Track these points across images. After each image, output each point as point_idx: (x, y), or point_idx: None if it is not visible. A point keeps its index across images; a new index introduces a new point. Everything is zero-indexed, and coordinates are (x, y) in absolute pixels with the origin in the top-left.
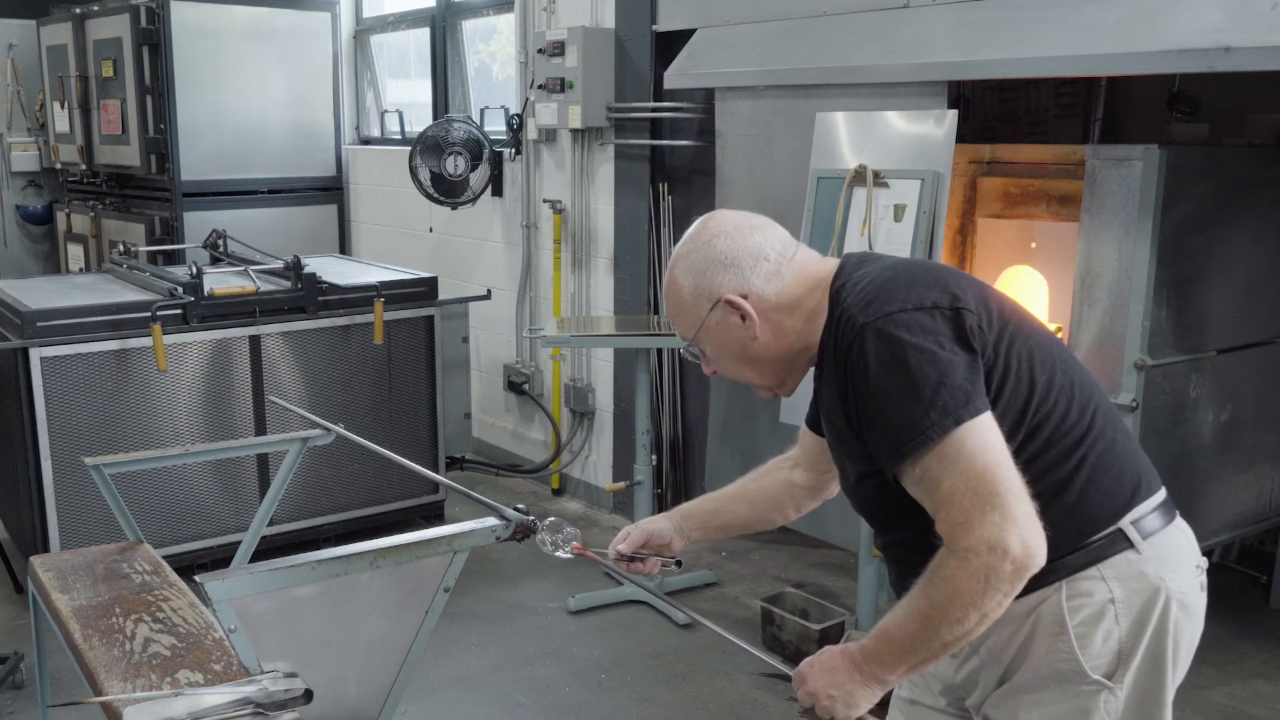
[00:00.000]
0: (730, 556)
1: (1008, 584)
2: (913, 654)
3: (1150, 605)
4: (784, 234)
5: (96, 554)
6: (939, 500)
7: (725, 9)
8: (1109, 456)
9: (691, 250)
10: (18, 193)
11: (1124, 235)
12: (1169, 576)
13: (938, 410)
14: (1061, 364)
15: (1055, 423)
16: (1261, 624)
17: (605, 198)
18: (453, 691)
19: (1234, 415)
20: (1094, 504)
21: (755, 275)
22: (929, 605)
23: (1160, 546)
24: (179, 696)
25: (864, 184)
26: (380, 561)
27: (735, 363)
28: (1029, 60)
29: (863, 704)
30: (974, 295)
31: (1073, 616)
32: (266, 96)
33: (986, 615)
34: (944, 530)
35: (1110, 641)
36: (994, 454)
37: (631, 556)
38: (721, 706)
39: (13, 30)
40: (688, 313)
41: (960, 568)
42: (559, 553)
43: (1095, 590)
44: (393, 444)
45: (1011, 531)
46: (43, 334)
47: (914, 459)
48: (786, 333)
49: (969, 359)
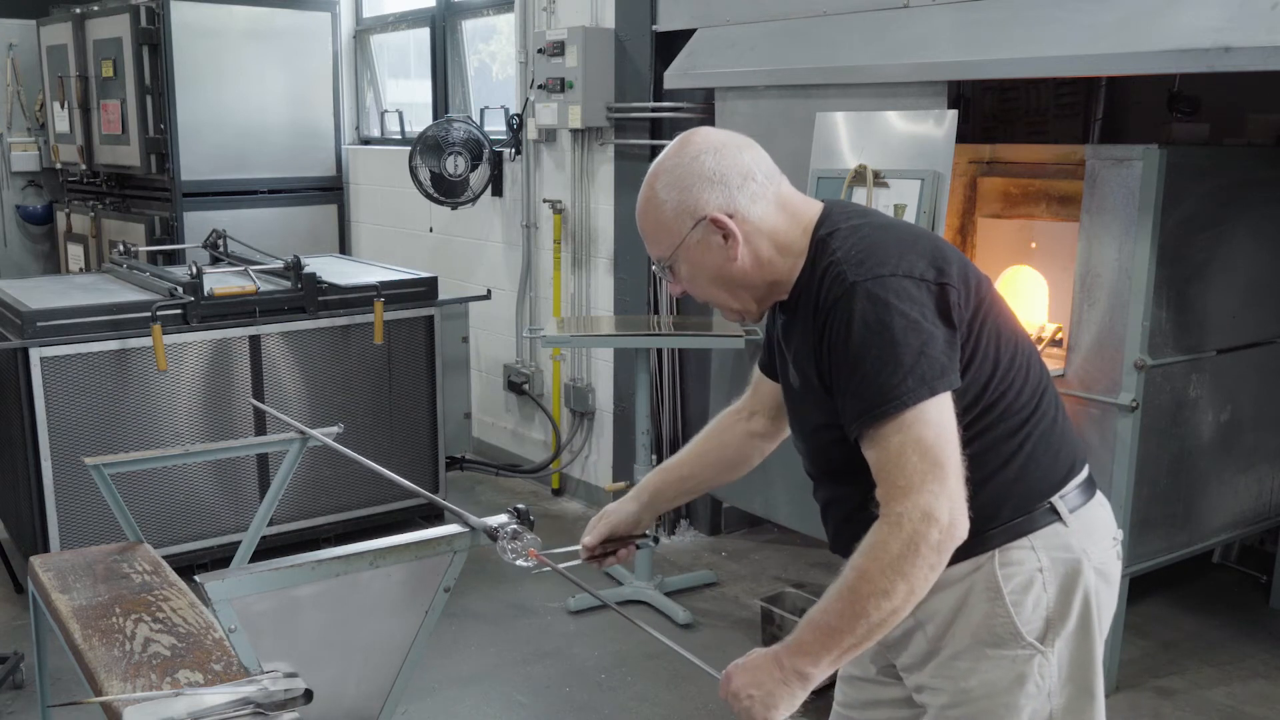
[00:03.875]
0: (730, 556)
1: (934, 554)
2: (838, 638)
3: (1074, 574)
4: (770, 159)
5: (96, 554)
6: (886, 461)
7: (725, 9)
8: (1050, 436)
9: (675, 165)
10: (18, 193)
11: (1124, 235)
12: (1090, 548)
13: (915, 378)
14: (1021, 343)
15: (1010, 400)
16: (1261, 624)
17: (605, 198)
18: (453, 691)
19: (1234, 415)
20: (1032, 479)
21: (742, 195)
22: (857, 577)
23: (1084, 520)
24: (179, 696)
25: (864, 184)
26: (380, 561)
27: (708, 284)
28: (1029, 60)
29: (782, 704)
30: (957, 270)
31: (1006, 583)
32: (266, 96)
33: (913, 590)
34: (883, 492)
35: (1040, 608)
36: (948, 430)
37: (601, 553)
38: (721, 706)
39: (13, 30)
40: (666, 230)
41: (891, 533)
42: (518, 561)
43: (1026, 559)
44: (392, 444)
45: (944, 503)
46: (43, 334)
47: (881, 422)
48: (763, 260)
49: (948, 334)
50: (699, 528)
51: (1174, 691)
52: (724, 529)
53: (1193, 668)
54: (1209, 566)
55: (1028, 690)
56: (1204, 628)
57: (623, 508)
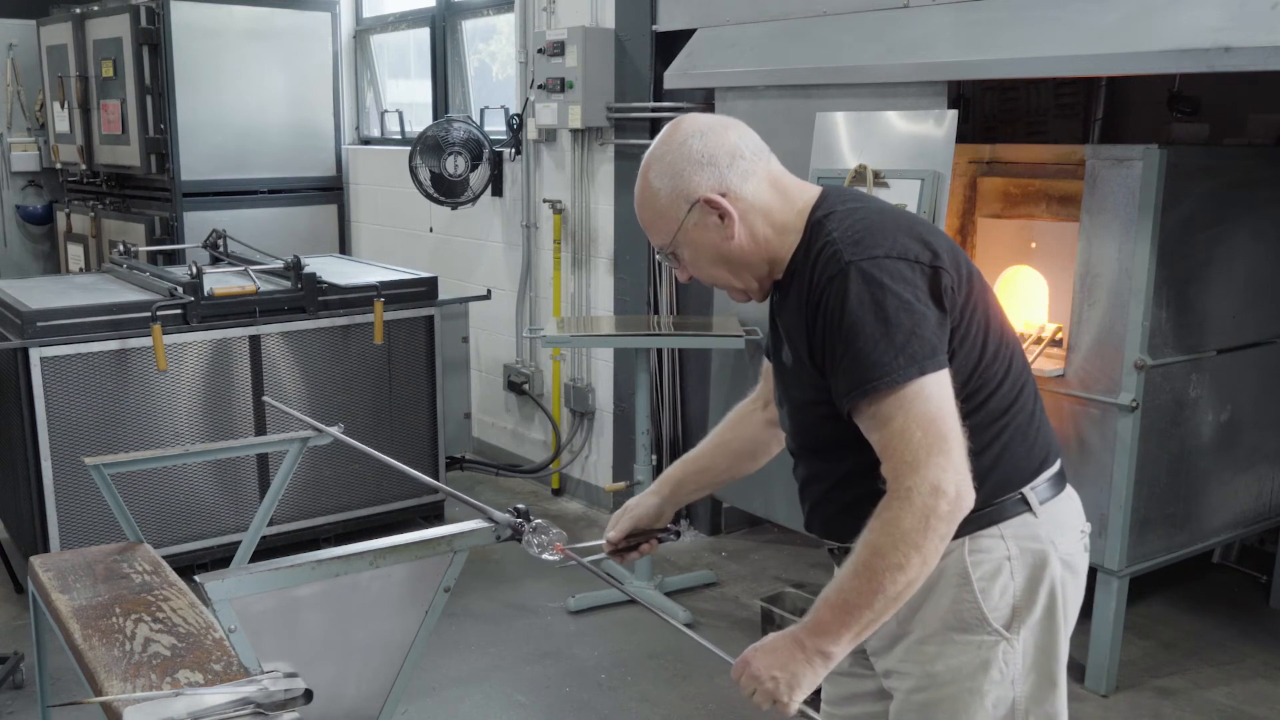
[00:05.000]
0: (730, 556)
1: (944, 524)
2: (858, 614)
3: (1041, 564)
4: (757, 137)
5: (96, 554)
6: (889, 437)
7: (725, 9)
8: (1027, 428)
9: (665, 153)
10: (18, 193)
11: (1124, 235)
12: (1058, 539)
13: (906, 356)
14: (1005, 335)
15: (992, 389)
16: (1261, 624)
17: (605, 198)
18: (453, 691)
19: (1234, 415)
20: (1007, 469)
21: (732, 173)
22: (871, 553)
23: (1053, 512)
24: (179, 696)
25: (864, 184)
26: (380, 561)
27: (711, 265)
28: (1029, 60)
29: (806, 684)
30: (949, 256)
31: (974, 570)
32: (266, 96)
33: (926, 560)
34: (890, 468)
35: (1006, 596)
36: (947, 405)
37: (625, 547)
38: (721, 706)
39: (13, 30)
40: (664, 217)
41: (903, 507)
42: (544, 555)
43: (994, 548)
44: (392, 444)
45: (950, 474)
46: (43, 334)
47: (873, 398)
48: (759, 238)
49: (940, 316)
50: (699, 528)
51: (1174, 691)
52: (724, 529)
53: (1193, 668)
54: (1209, 566)
55: (992, 676)
56: (1204, 628)
57: (644, 501)
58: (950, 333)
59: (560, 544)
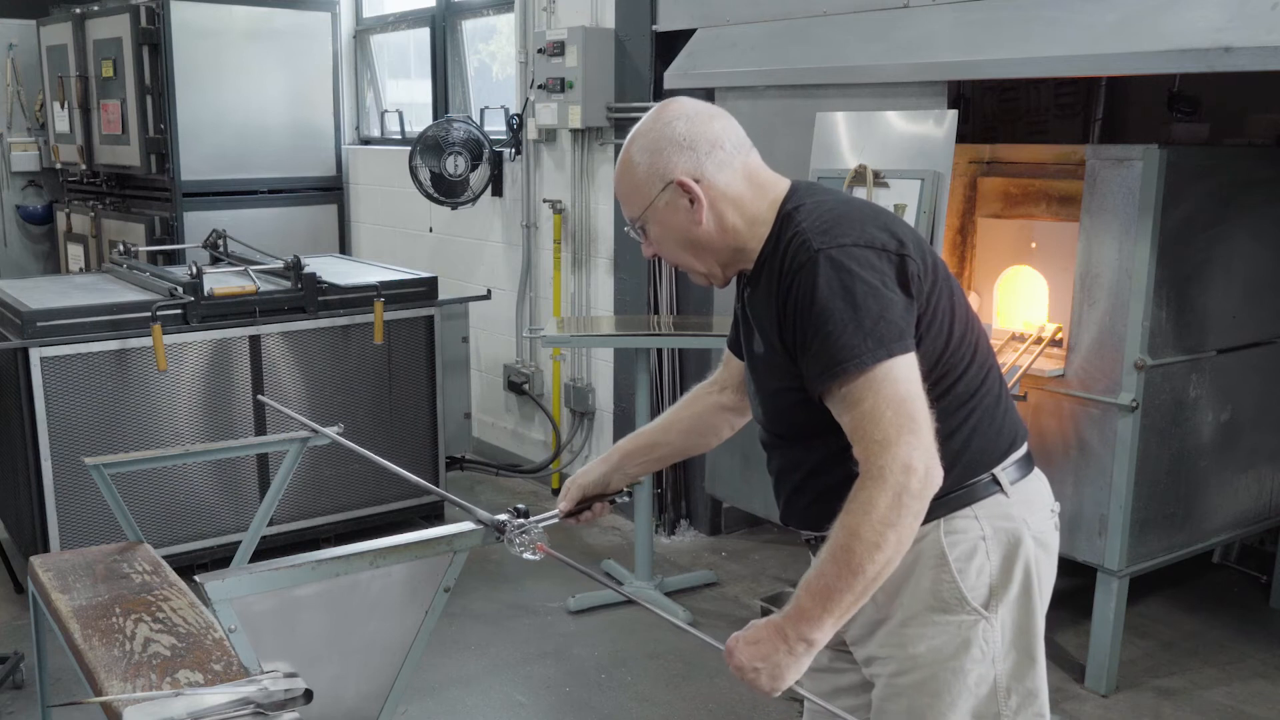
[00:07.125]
0: (730, 557)
1: (917, 501)
2: (838, 597)
3: (1015, 543)
4: (741, 130)
5: (96, 554)
6: (859, 418)
7: (725, 9)
8: (994, 411)
9: (650, 129)
10: (18, 193)
11: (1124, 235)
12: (1030, 518)
13: (874, 339)
14: (971, 322)
15: (958, 374)
16: (1261, 624)
17: (605, 198)
18: (453, 691)
19: (1234, 415)
20: (976, 451)
21: (709, 161)
22: (848, 535)
23: (1024, 492)
24: (179, 696)
25: (864, 184)
26: (380, 561)
27: (676, 246)
28: (1029, 60)
29: (789, 673)
30: (914, 245)
31: (951, 550)
32: (266, 96)
33: (902, 538)
34: (861, 449)
35: (983, 575)
36: (915, 387)
37: (576, 510)
38: (721, 706)
39: (13, 30)
40: (639, 191)
41: (876, 486)
42: (525, 554)
43: (969, 528)
44: (393, 444)
45: (920, 452)
46: (43, 334)
47: (843, 380)
48: (727, 227)
49: (906, 301)
50: (699, 528)
51: (1174, 691)
52: (724, 529)
53: (1193, 668)
54: (1209, 566)
55: (973, 655)
56: (1204, 628)
57: (593, 470)
58: (917, 319)
59: (542, 544)
